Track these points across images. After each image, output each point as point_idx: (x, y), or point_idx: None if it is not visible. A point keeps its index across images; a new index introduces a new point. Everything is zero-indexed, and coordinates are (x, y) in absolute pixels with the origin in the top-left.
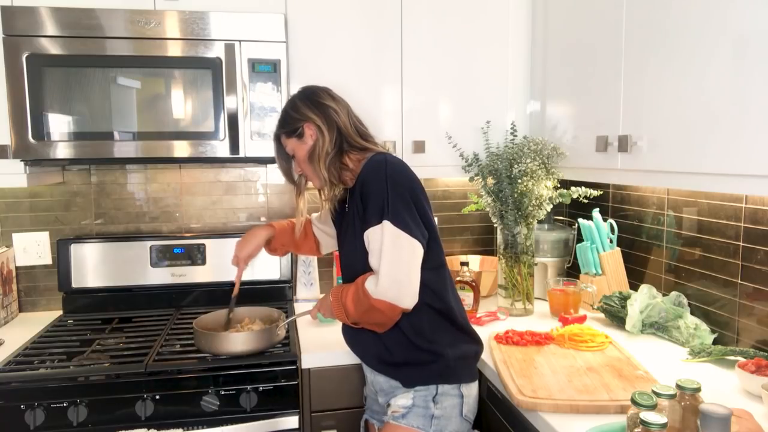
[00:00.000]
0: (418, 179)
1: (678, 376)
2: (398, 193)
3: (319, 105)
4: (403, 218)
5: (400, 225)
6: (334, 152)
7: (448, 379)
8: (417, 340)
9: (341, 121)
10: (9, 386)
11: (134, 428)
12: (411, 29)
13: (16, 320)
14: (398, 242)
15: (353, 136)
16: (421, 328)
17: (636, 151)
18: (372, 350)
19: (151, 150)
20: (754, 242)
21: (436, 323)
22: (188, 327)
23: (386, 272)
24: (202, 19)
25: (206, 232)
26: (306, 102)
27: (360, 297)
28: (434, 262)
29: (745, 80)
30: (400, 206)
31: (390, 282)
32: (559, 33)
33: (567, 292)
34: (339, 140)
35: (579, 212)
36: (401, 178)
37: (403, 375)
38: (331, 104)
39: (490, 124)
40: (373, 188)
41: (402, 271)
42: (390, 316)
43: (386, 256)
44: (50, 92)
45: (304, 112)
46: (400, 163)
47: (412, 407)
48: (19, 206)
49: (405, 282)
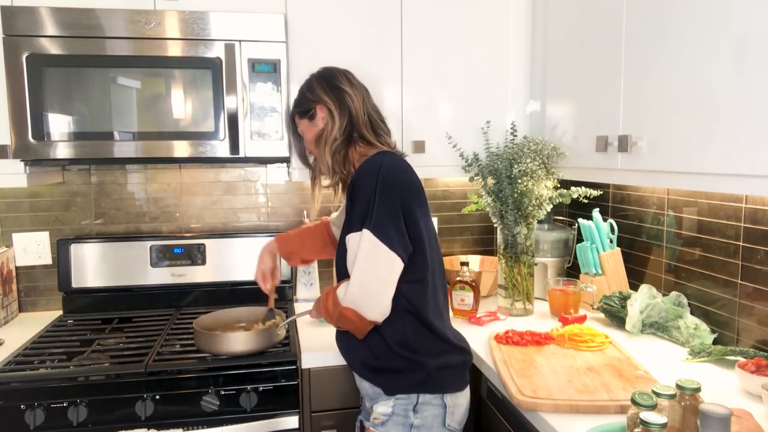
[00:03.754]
0: (417, 185)
1: (678, 376)
2: (386, 201)
3: (334, 88)
4: (386, 230)
5: (380, 237)
6: (341, 139)
7: (430, 389)
8: (399, 348)
9: (354, 108)
10: (9, 386)
11: (134, 428)
12: (411, 29)
13: (16, 320)
14: (375, 254)
15: (363, 128)
16: (404, 337)
17: (636, 151)
18: (359, 354)
19: (151, 150)
20: (754, 242)
21: (419, 332)
22: (188, 327)
23: (357, 282)
24: (202, 19)
25: (206, 232)
26: (322, 83)
27: (333, 302)
28: (415, 275)
29: (746, 80)
30: (385, 216)
31: (359, 292)
32: (559, 33)
33: (567, 292)
34: (349, 128)
35: (579, 212)
36: (394, 185)
37: (384, 381)
38: (347, 89)
39: (490, 124)
40: (361, 192)
41: (373, 283)
42: (359, 325)
43: (360, 265)
44: (50, 92)
45: (318, 93)
46: (398, 166)
47: (391, 415)
48: (19, 206)
49: (375, 294)
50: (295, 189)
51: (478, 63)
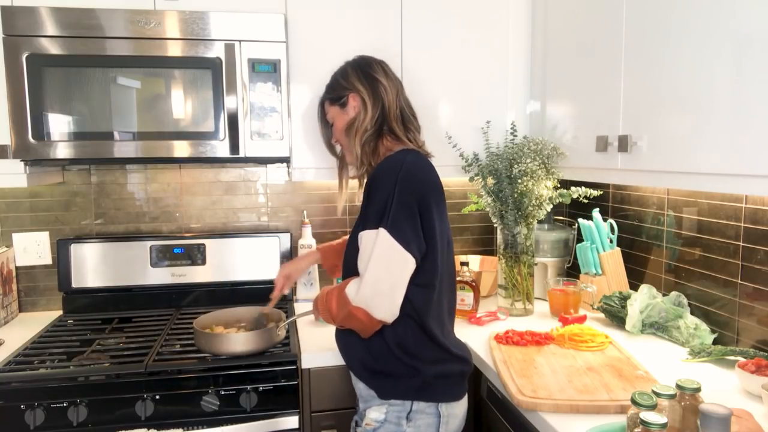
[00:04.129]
0: (437, 186)
1: (678, 376)
2: (405, 201)
3: (369, 77)
4: (403, 230)
5: (397, 236)
6: (372, 130)
7: (425, 396)
8: (398, 351)
9: (388, 100)
10: (9, 386)
11: (134, 428)
12: (411, 29)
13: (16, 320)
14: (390, 254)
15: (394, 121)
16: (404, 341)
17: (636, 151)
18: (358, 354)
19: (151, 150)
20: (754, 242)
21: (419, 338)
22: (188, 327)
23: (370, 281)
24: (202, 19)
25: (206, 232)
26: (357, 72)
27: (341, 301)
28: (424, 279)
29: (746, 80)
30: (402, 216)
31: (372, 291)
32: (559, 33)
33: (567, 292)
34: (380, 120)
35: (579, 212)
36: (413, 185)
37: (379, 384)
38: (382, 80)
39: (490, 124)
40: (379, 189)
41: (386, 283)
42: (367, 325)
43: (374, 264)
44: (50, 92)
45: (353, 81)
46: (419, 166)
47: (384, 422)
48: (19, 206)
49: (387, 294)
50: (295, 189)
51: (478, 63)
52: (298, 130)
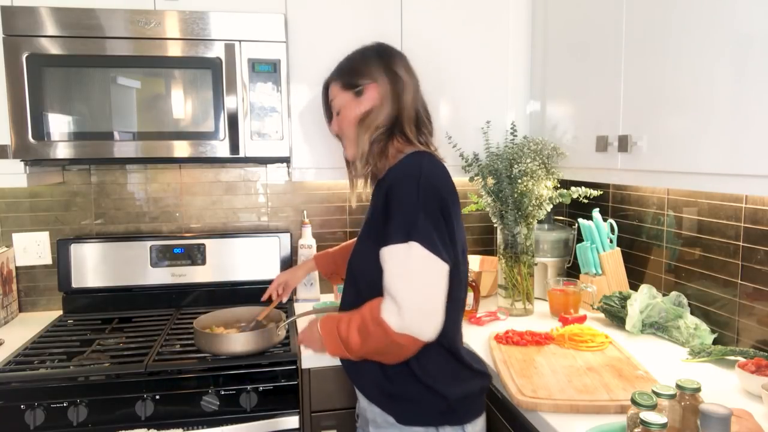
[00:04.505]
0: (454, 192)
1: (678, 376)
2: (430, 210)
3: (391, 72)
4: (433, 239)
5: (431, 248)
6: (384, 128)
7: (451, 420)
8: (419, 372)
9: (405, 99)
10: (9, 386)
11: (134, 428)
12: (411, 29)
13: (16, 320)
14: (428, 266)
15: (407, 122)
16: (426, 360)
17: (636, 151)
18: (371, 376)
19: (151, 150)
20: (754, 242)
21: (441, 356)
22: (188, 327)
23: (414, 303)
24: (202, 19)
25: (206, 232)
26: (381, 62)
27: (374, 332)
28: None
29: (746, 80)
30: (431, 224)
31: (419, 315)
32: (559, 33)
33: (567, 292)
34: (394, 119)
35: (579, 212)
36: (436, 191)
37: (398, 409)
38: (404, 76)
39: (490, 124)
40: (402, 199)
41: (430, 300)
42: (413, 350)
43: (414, 283)
44: (50, 92)
45: (374, 71)
46: (438, 172)
47: None
48: (19, 206)
49: (432, 312)
50: (295, 189)
51: (478, 63)
52: (298, 130)
